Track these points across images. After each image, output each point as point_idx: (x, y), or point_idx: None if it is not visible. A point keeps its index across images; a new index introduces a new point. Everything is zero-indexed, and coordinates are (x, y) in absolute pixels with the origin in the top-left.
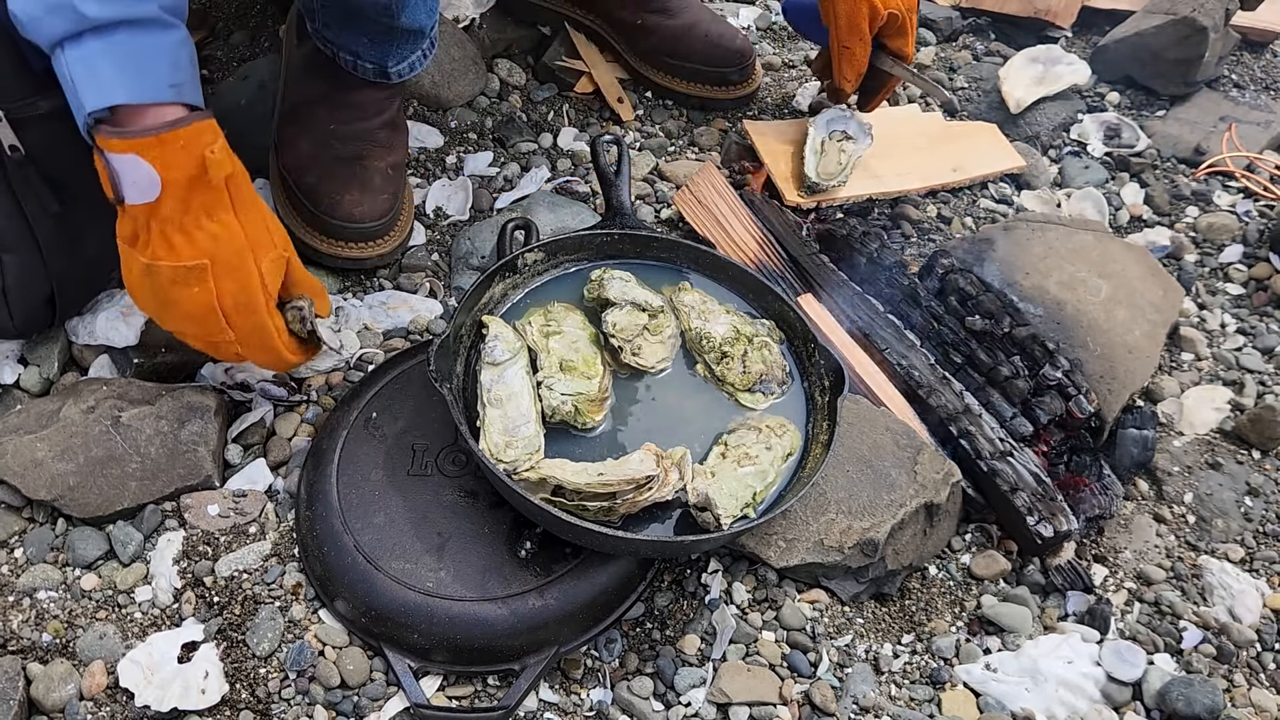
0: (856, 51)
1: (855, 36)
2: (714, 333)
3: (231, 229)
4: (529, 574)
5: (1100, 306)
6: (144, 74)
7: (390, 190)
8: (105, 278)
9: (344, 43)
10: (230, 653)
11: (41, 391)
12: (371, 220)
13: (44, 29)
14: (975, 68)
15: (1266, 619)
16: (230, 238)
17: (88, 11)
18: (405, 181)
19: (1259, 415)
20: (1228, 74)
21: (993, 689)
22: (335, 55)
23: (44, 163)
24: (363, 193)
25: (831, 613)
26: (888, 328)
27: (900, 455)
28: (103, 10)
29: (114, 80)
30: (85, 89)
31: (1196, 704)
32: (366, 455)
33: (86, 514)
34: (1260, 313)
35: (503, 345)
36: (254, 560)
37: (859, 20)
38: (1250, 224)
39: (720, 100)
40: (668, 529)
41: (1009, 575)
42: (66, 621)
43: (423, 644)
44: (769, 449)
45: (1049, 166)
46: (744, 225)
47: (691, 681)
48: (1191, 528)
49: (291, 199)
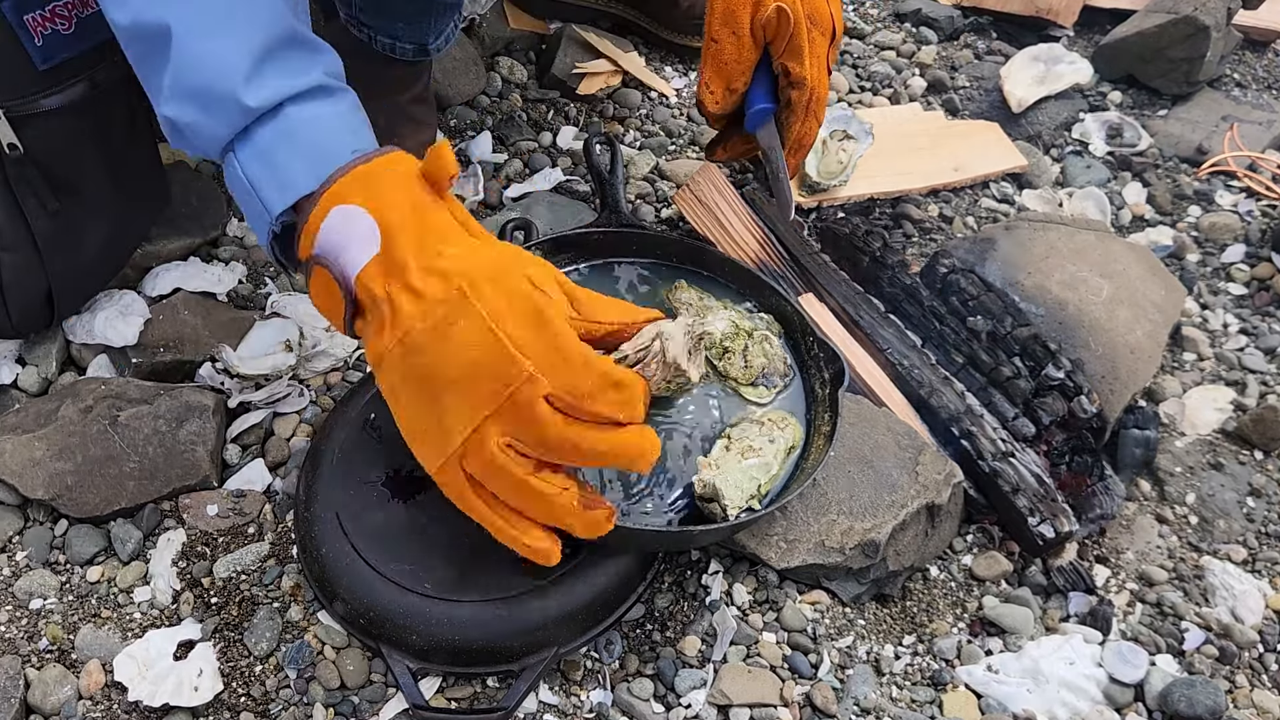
0: (725, 49)
1: (728, 29)
2: (714, 329)
3: (477, 246)
4: (528, 575)
5: (1102, 306)
6: (326, 152)
7: None
8: (104, 277)
9: (381, 26)
10: (227, 652)
11: (39, 391)
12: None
13: (206, 133)
14: (976, 67)
15: (1269, 620)
16: (479, 250)
17: (249, 101)
18: None
19: (1261, 416)
20: (1230, 73)
21: (994, 690)
22: (372, 39)
23: (43, 161)
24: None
25: (832, 614)
26: (889, 327)
27: (901, 456)
28: (264, 94)
29: (297, 168)
30: (267, 189)
31: (1199, 705)
32: (365, 456)
33: (84, 513)
34: (1263, 313)
35: None
36: (252, 561)
37: (736, 7)
38: (1253, 224)
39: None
40: (672, 522)
41: (1011, 576)
42: (65, 621)
43: (421, 645)
44: (772, 442)
45: (1051, 166)
46: (745, 224)
47: (692, 683)
48: (1194, 528)
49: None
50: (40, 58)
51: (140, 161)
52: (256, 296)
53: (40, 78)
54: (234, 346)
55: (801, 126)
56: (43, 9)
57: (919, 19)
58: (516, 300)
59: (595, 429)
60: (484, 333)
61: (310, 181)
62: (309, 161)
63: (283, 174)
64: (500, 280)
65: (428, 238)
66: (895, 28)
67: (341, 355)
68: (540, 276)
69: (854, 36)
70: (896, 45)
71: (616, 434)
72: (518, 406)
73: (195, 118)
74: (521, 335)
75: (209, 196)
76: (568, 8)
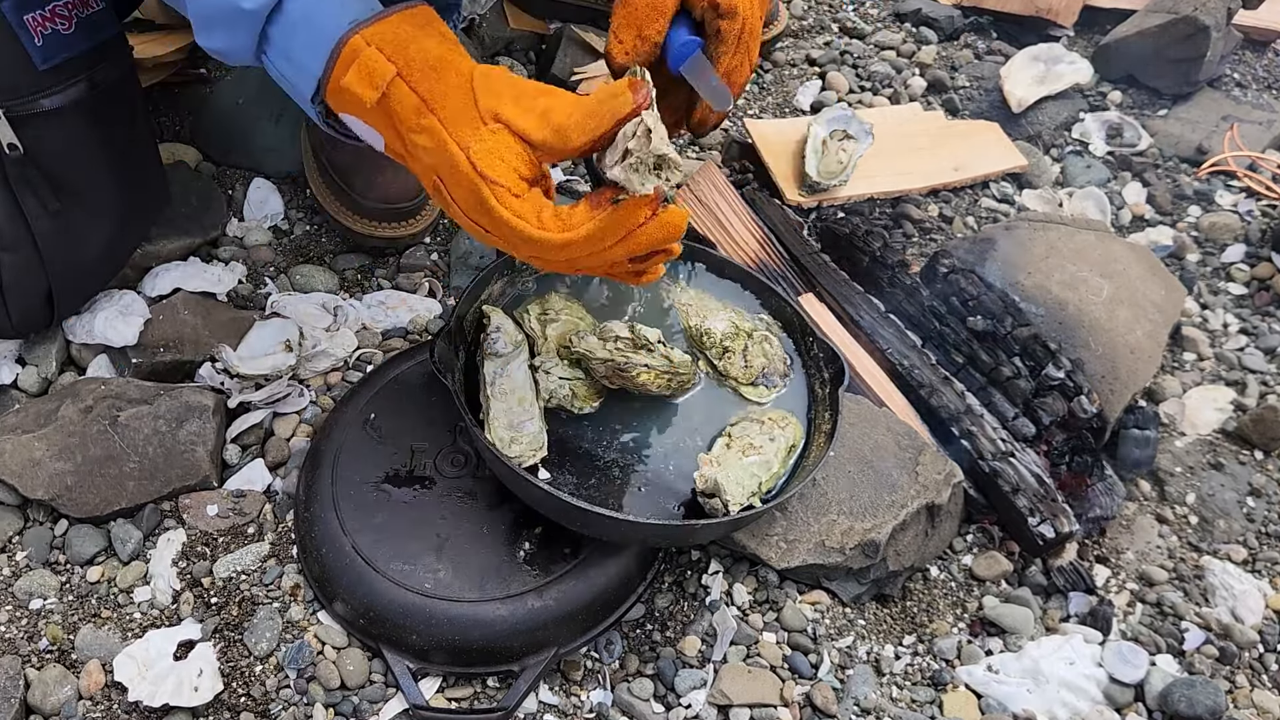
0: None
1: None
2: (714, 329)
3: (438, 132)
4: (528, 574)
5: (1102, 306)
6: (325, 33)
7: None
8: (104, 277)
9: None
10: (227, 652)
11: (39, 391)
12: (405, 200)
13: (238, 48)
14: (977, 66)
15: (1269, 620)
16: (442, 138)
17: (245, 4)
18: None
19: (1261, 415)
20: (1230, 73)
21: (994, 690)
22: None
23: (43, 161)
24: (396, 173)
25: (833, 614)
26: (889, 327)
27: (902, 456)
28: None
29: (307, 56)
30: (295, 80)
31: (1199, 705)
32: (365, 456)
33: (84, 513)
34: (1262, 312)
35: (505, 338)
36: (252, 561)
37: None
38: (1252, 223)
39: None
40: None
41: (1011, 576)
42: (65, 621)
43: (421, 645)
44: (772, 440)
45: (1051, 166)
46: (745, 225)
47: (692, 683)
48: (1194, 528)
49: (326, 179)
50: (40, 58)
51: (140, 161)
52: (256, 296)
53: (40, 78)
54: (234, 346)
55: (733, 59)
56: (43, 9)
57: (919, 19)
58: (469, 195)
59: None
60: (459, 216)
61: (318, 64)
62: (313, 46)
63: (298, 63)
64: (457, 179)
65: (408, 119)
66: (895, 28)
67: (341, 355)
68: (485, 163)
69: (854, 36)
70: (896, 45)
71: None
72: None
73: (222, 40)
74: (477, 222)
75: (209, 196)
76: (567, 8)
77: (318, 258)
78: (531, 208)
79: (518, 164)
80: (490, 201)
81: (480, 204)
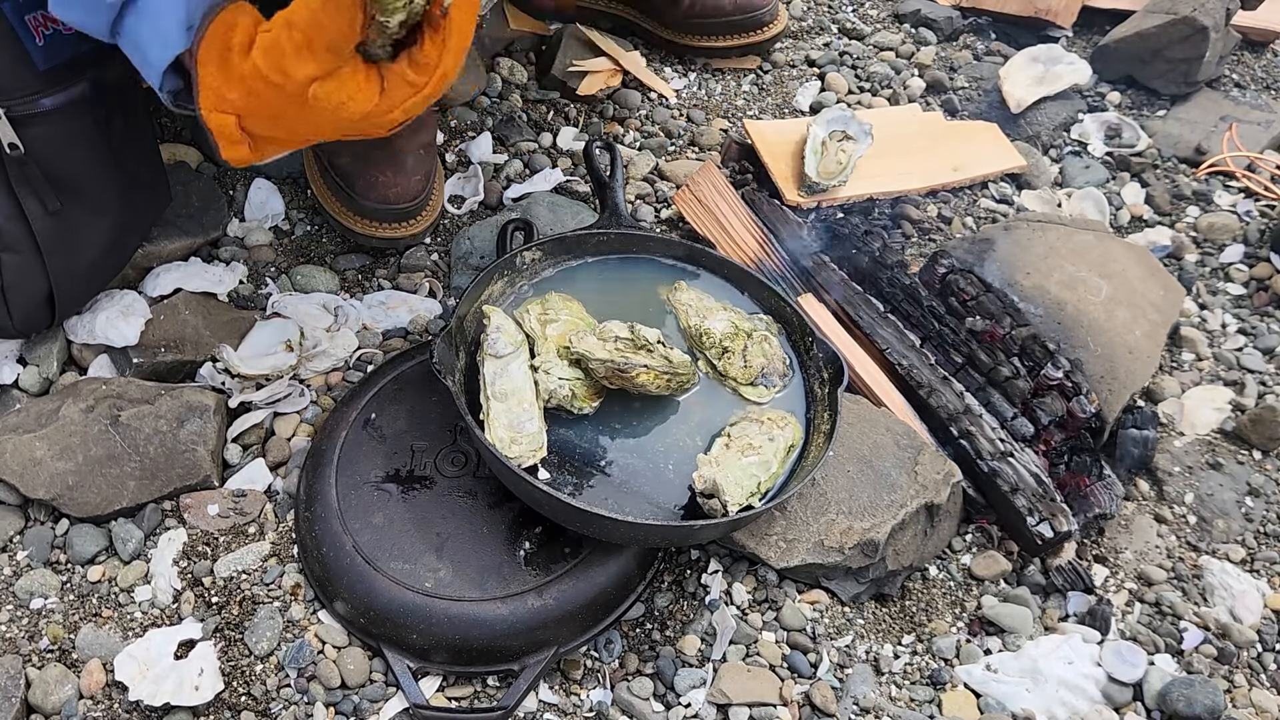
0: None
1: None
2: (713, 329)
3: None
4: (528, 574)
5: (1101, 306)
6: (167, 33)
7: (423, 171)
8: (105, 277)
9: None
10: (228, 651)
11: (40, 391)
12: (405, 201)
13: (94, 28)
14: (975, 67)
15: (1267, 619)
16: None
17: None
18: (436, 161)
19: (1260, 415)
20: (1228, 74)
21: (993, 689)
22: None
23: (44, 161)
24: (396, 174)
25: (832, 613)
26: (888, 327)
27: (901, 455)
28: None
29: (154, 47)
30: (143, 68)
31: (1197, 704)
32: (365, 456)
33: (85, 513)
34: (1261, 313)
35: (505, 338)
36: (253, 560)
37: None
38: (1251, 224)
39: (759, 43)
40: (673, 518)
41: (1009, 576)
42: (65, 621)
43: (422, 644)
44: (771, 440)
45: (1050, 166)
46: (744, 225)
47: (691, 682)
48: (1192, 528)
49: (327, 180)
50: (41, 58)
51: (141, 162)
52: (257, 296)
53: (41, 78)
54: (234, 346)
55: None
56: (44, 9)
57: (918, 20)
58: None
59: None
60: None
61: (162, 55)
62: (158, 40)
63: (145, 53)
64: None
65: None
66: (894, 28)
67: (342, 355)
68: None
69: (854, 37)
70: (896, 46)
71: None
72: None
73: (80, 17)
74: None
75: (210, 196)
76: (566, 8)
77: (318, 258)
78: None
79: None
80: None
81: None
